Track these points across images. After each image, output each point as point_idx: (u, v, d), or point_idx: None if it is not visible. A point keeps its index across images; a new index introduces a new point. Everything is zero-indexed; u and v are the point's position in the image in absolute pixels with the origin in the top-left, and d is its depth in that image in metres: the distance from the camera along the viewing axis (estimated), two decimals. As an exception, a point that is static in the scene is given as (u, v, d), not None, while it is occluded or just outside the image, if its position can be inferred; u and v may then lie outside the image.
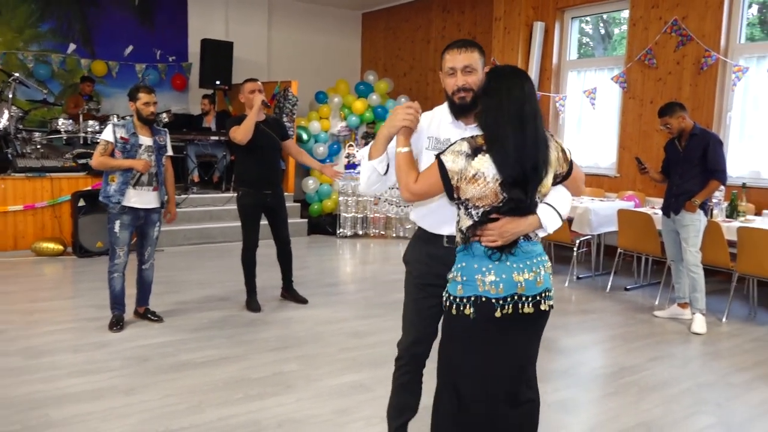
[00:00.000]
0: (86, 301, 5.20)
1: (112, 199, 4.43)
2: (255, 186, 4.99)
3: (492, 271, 2.11)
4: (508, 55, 8.41)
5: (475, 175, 2.05)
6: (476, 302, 2.11)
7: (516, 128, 2.05)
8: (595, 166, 7.98)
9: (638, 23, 7.30)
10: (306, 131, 9.32)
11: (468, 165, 2.06)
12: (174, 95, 10.18)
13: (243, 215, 5.08)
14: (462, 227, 2.16)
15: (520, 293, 2.12)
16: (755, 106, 6.52)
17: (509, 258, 2.13)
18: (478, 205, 2.10)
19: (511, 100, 2.07)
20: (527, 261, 2.16)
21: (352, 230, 8.74)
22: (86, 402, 3.34)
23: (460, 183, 2.09)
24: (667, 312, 5.27)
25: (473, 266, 2.13)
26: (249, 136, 4.76)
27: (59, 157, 7.61)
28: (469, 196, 2.09)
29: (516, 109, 2.06)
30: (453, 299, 2.16)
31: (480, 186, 2.06)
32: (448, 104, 2.36)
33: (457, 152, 2.08)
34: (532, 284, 2.15)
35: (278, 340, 4.40)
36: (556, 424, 3.24)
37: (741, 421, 3.37)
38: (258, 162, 4.96)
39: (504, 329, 2.14)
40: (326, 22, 11.53)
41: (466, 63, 2.25)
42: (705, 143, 4.83)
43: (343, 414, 3.29)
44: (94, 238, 6.90)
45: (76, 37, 9.36)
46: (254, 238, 5.10)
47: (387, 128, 2.30)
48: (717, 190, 5.07)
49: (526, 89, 2.11)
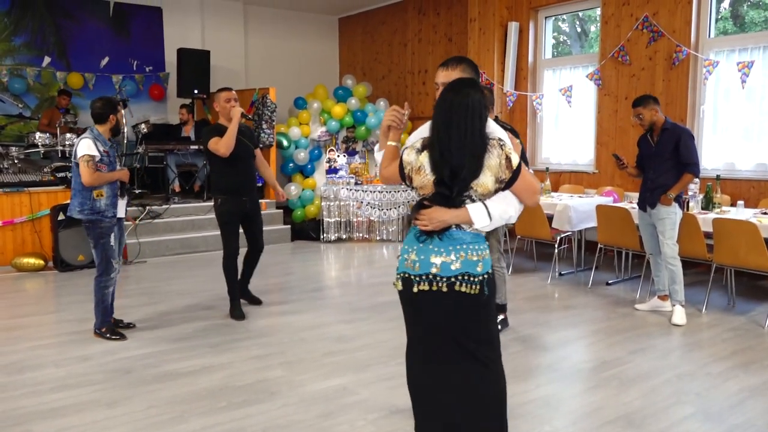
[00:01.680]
0: (68, 316, 5.17)
1: (107, 214, 4.43)
2: (233, 193, 5.04)
3: (414, 251, 2.42)
4: (483, 56, 8.48)
5: (420, 168, 2.40)
6: (402, 277, 2.45)
7: (442, 134, 2.35)
8: (573, 163, 8.07)
9: (610, 21, 7.40)
10: (286, 137, 9.32)
11: (417, 158, 2.42)
12: (152, 105, 10.14)
13: (222, 223, 5.09)
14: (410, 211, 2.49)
15: (434, 273, 2.38)
16: (727, 99, 6.63)
17: (433, 242, 2.40)
18: (420, 193, 2.45)
19: (442, 109, 2.38)
20: (450, 246, 2.39)
21: (336, 235, 8.75)
22: (69, 416, 3.32)
23: (411, 173, 2.44)
24: (648, 305, 5.34)
25: (406, 246, 2.48)
26: (231, 149, 4.83)
27: (37, 171, 7.57)
28: (416, 185, 2.44)
29: (443, 118, 2.36)
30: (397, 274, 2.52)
31: (422, 177, 2.40)
32: None
33: (412, 147, 2.45)
34: (447, 266, 2.38)
35: (262, 347, 4.40)
36: (539, 420, 3.28)
37: (720, 410, 3.42)
38: (235, 170, 5.00)
39: (422, 302, 2.42)
40: (303, 27, 11.54)
41: (447, 80, 2.52)
42: (676, 137, 4.91)
43: (328, 418, 3.30)
44: (75, 251, 6.86)
45: (51, 50, 9.30)
46: (235, 245, 5.12)
47: (381, 127, 2.73)
48: (691, 182, 5.16)
49: (455, 101, 2.35)
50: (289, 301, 5.72)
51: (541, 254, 7.54)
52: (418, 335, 2.50)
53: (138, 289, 6.10)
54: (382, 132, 2.71)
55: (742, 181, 6.35)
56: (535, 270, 6.94)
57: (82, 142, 4.36)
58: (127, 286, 6.19)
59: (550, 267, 6.73)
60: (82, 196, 4.39)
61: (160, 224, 7.85)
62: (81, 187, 4.38)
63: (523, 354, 4.28)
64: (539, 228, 6.33)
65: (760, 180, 6.25)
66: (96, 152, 4.35)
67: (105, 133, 4.49)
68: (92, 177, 4.32)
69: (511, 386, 3.66)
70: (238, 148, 4.92)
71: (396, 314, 2.70)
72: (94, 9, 9.56)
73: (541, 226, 6.31)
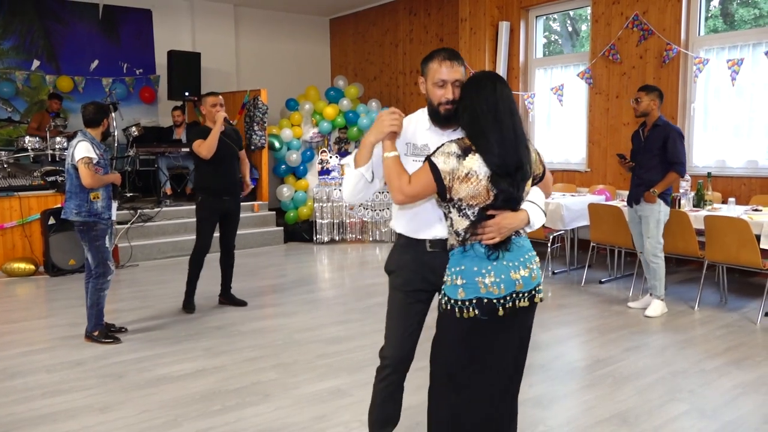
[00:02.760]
0: (60, 320, 5.13)
1: (103, 216, 4.46)
2: (215, 193, 5.20)
3: (492, 272, 2.16)
4: (475, 56, 8.49)
5: (467, 174, 2.13)
6: (479, 304, 2.16)
7: (492, 124, 2.15)
8: (565, 161, 8.08)
9: (600, 19, 7.42)
10: (278, 139, 9.29)
11: (459, 165, 2.14)
12: (143, 108, 10.10)
13: (201, 220, 5.24)
14: (458, 229, 2.21)
15: (518, 290, 2.20)
16: (717, 96, 6.65)
17: (505, 256, 2.19)
18: (471, 204, 2.17)
19: (483, 99, 2.18)
20: (521, 258, 2.23)
21: (329, 236, 8.74)
22: (61, 422, 3.29)
23: (452, 183, 2.15)
24: (640, 302, 5.35)
25: (473, 268, 2.17)
26: (213, 152, 4.99)
27: (27, 175, 7.50)
28: (463, 195, 2.16)
29: (489, 107, 2.17)
30: (454, 302, 2.19)
31: (473, 184, 2.13)
32: (432, 114, 2.38)
33: (448, 153, 2.16)
34: (528, 280, 2.22)
35: (255, 350, 4.38)
36: (533, 419, 3.27)
37: (714, 407, 3.43)
38: (219, 170, 5.15)
39: (505, 325, 2.23)
40: (294, 29, 11.52)
41: (457, 77, 2.29)
42: (665, 135, 4.92)
43: (322, 420, 3.29)
44: (66, 256, 6.82)
45: (40, 53, 9.24)
46: (207, 242, 5.28)
47: (374, 135, 2.31)
48: (675, 182, 5.17)
49: (498, 89, 2.20)
50: (282, 303, 5.70)
51: (534, 253, 7.54)
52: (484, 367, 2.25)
53: (130, 292, 6.07)
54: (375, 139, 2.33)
55: (733, 179, 6.37)
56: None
57: (80, 145, 4.36)
58: (119, 289, 6.15)
59: (543, 266, 6.73)
60: (80, 199, 4.40)
61: (152, 227, 7.82)
62: (78, 189, 4.38)
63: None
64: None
65: (750, 177, 6.28)
66: (93, 155, 4.38)
67: (97, 136, 4.52)
68: (93, 179, 4.33)
69: (506, 386, 3.67)
70: (221, 150, 5.07)
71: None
72: (83, 12, 9.51)
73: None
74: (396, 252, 2.55)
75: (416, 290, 2.48)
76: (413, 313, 2.50)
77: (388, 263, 2.58)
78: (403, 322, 2.51)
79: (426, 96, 2.37)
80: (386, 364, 2.54)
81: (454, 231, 2.23)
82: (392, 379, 2.55)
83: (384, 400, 2.59)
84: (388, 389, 2.57)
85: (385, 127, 2.28)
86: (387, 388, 2.57)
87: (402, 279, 2.50)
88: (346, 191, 2.44)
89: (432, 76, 2.31)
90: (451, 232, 2.25)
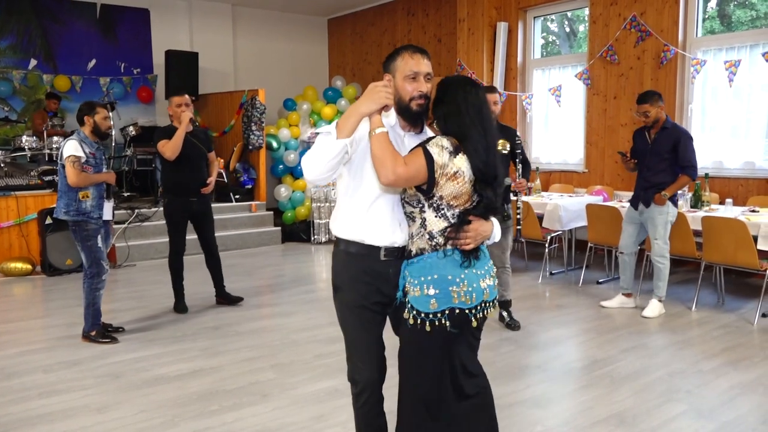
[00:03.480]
0: (57, 320, 5.12)
1: (93, 215, 4.43)
2: (182, 194, 5.17)
3: (465, 281, 2.11)
4: (473, 56, 8.49)
5: (456, 173, 2.08)
6: (451, 314, 2.11)
7: (479, 131, 2.12)
8: (563, 162, 8.09)
9: (598, 20, 7.43)
10: (276, 139, 9.29)
11: (450, 161, 2.09)
12: (140, 108, 10.08)
13: (170, 222, 5.23)
14: (432, 230, 2.14)
15: (485, 299, 2.17)
16: (714, 97, 6.67)
17: (475, 264, 2.15)
18: (452, 204, 2.12)
19: (469, 105, 2.14)
20: (485, 266, 2.21)
21: (327, 236, 8.73)
22: (58, 422, 3.28)
23: (440, 178, 2.09)
24: (613, 301, 5.36)
25: (447, 277, 2.10)
26: (177, 153, 4.95)
27: (24, 174, 7.49)
28: (445, 194, 2.10)
29: (476, 113, 2.14)
30: (425, 315, 2.12)
31: (458, 184, 2.09)
32: (401, 111, 2.26)
33: (442, 146, 2.10)
34: (492, 289, 2.20)
35: (253, 350, 4.38)
36: (531, 420, 3.27)
37: (711, 407, 3.43)
38: (185, 171, 5.11)
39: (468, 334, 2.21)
40: (292, 29, 11.52)
41: (427, 70, 2.23)
42: (676, 138, 4.89)
43: (320, 420, 3.28)
44: (63, 256, 6.80)
45: (37, 53, 9.23)
46: (181, 243, 5.27)
47: (367, 105, 2.10)
48: (686, 185, 5.15)
49: (480, 94, 2.19)
50: (279, 303, 5.69)
51: (531, 254, 7.55)
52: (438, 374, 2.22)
53: (127, 292, 6.06)
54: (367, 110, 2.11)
55: (731, 179, 6.39)
56: (525, 269, 6.94)
57: (68, 144, 4.39)
58: (116, 289, 6.15)
59: (540, 266, 6.74)
60: (68, 197, 4.39)
61: (149, 227, 7.80)
62: (67, 188, 4.38)
63: (514, 353, 4.28)
64: (530, 227, 6.34)
65: (748, 178, 6.29)
66: (81, 153, 4.36)
67: (89, 135, 4.49)
68: (78, 177, 4.31)
69: (502, 386, 3.67)
70: (188, 151, 5.04)
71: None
72: (80, 11, 9.50)
73: (532, 226, 6.32)
74: (343, 264, 2.33)
75: (373, 303, 2.30)
76: (375, 326, 2.34)
77: (335, 278, 2.36)
78: (366, 340, 2.33)
79: (395, 94, 2.22)
80: (361, 389, 2.37)
81: (427, 232, 2.15)
82: (372, 400, 2.39)
83: (369, 423, 2.44)
84: (371, 412, 2.41)
85: (381, 98, 2.10)
86: (369, 411, 2.41)
87: (356, 294, 2.29)
88: (317, 163, 2.12)
89: (402, 69, 2.22)
90: (421, 235, 2.16)
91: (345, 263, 2.33)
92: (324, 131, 2.16)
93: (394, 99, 2.21)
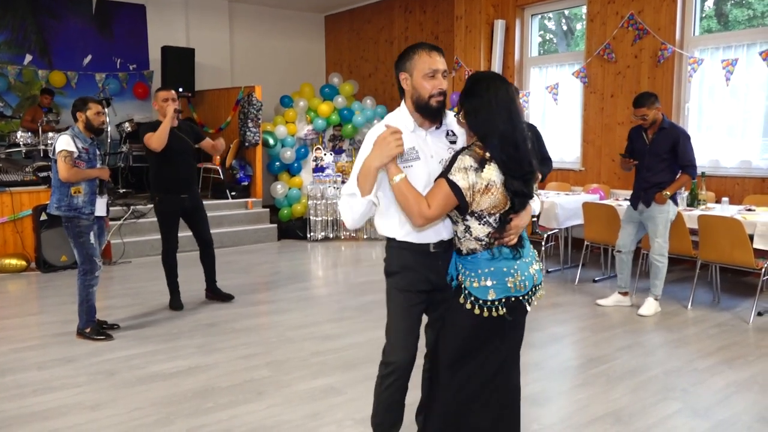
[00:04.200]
0: (51, 317, 5.10)
1: (84, 211, 4.40)
2: (172, 191, 5.13)
3: (518, 271, 2.25)
4: (470, 54, 8.48)
5: (487, 186, 2.17)
6: (507, 302, 2.24)
7: (507, 124, 2.18)
8: (560, 160, 8.08)
9: (596, 18, 7.42)
10: (272, 136, 9.26)
11: (478, 178, 2.16)
12: (136, 104, 10.03)
13: (162, 220, 5.22)
14: (479, 236, 2.25)
15: (535, 284, 2.31)
16: (711, 96, 6.67)
17: (522, 254, 2.29)
18: (492, 213, 2.22)
19: (499, 100, 2.20)
20: (530, 253, 2.34)
21: (323, 234, 8.72)
22: (52, 419, 3.27)
23: (473, 197, 2.18)
24: (609, 300, 5.36)
25: (503, 269, 2.24)
26: (163, 144, 4.91)
27: (19, 170, 7.45)
28: (484, 207, 2.20)
29: (504, 108, 2.19)
30: (483, 302, 2.24)
31: (493, 194, 2.18)
32: (421, 109, 2.33)
33: (464, 169, 2.16)
34: (539, 273, 2.35)
35: (248, 347, 4.36)
36: (527, 418, 3.27)
37: (707, 405, 3.43)
38: (173, 167, 5.08)
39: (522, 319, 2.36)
40: (289, 25, 11.49)
41: (445, 67, 2.32)
42: (674, 138, 4.89)
43: (315, 418, 3.27)
44: (57, 252, 6.77)
45: (33, 48, 9.18)
46: (174, 240, 5.26)
47: (379, 159, 2.20)
48: (687, 184, 5.14)
49: (510, 91, 2.25)
50: (275, 300, 5.68)
51: (528, 252, 7.54)
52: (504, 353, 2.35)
53: (122, 289, 6.04)
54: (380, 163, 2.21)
55: (727, 178, 6.39)
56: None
57: (60, 138, 4.37)
58: (111, 286, 6.13)
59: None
60: (60, 193, 4.38)
61: (144, 224, 7.77)
62: (59, 183, 4.36)
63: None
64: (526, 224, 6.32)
65: (744, 177, 6.30)
66: (74, 148, 4.34)
67: (83, 130, 4.47)
68: (69, 172, 4.29)
69: (499, 384, 3.66)
70: (174, 145, 5.00)
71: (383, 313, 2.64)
72: (76, 6, 9.44)
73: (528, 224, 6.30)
74: (396, 254, 2.48)
75: (419, 291, 2.45)
76: (416, 314, 2.48)
77: (389, 264, 2.50)
78: (408, 323, 2.46)
79: (411, 92, 2.32)
80: (392, 370, 2.46)
81: (473, 237, 2.26)
82: (398, 384, 2.49)
83: (389, 406, 2.53)
84: (394, 396, 2.51)
85: (392, 150, 2.18)
86: (393, 395, 2.50)
87: (406, 280, 2.44)
88: (352, 219, 2.34)
89: (421, 67, 2.29)
90: (468, 238, 2.27)
91: (398, 254, 2.47)
92: (347, 193, 2.31)
93: (412, 98, 2.33)
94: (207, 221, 5.44)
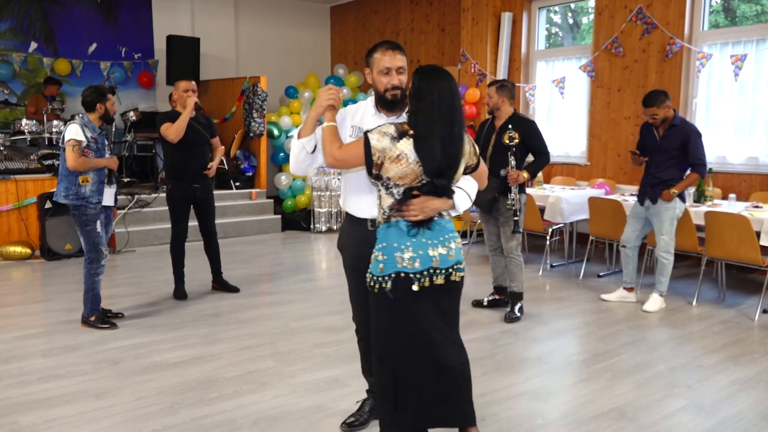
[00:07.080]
0: (56, 305, 5.10)
1: (92, 200, 4.41)
2: (185, 179, 5.16)
3: (410, 248, 2.33)
4: (476, 46, 8.44)
5: (398, 156, 2.30)
6: (396, 278, 2.33)
7: (446, 126, 2.31)
8: (565, 155, 8.05)
9: (604, 12, 7.37)
10: (277, 126, 9.24)
11: (392, 146, 2.30)
12: (141, 93, 10.03)
13: (173, 208, 5.24)
14: (383, 206, 2.39)
15: (435, 266, 2.35)
16: (719, 92, 6.63)
17: (425, 234, 2.35)
18: (398, 184, 2.34)
19: (442, 102, 2.31)
20: (440, 237, 2.38)
21: (327, 225, 8.71)
22: (56, 407, 3.27)
23: (383, 161, 2.32)
24: (614, 295, 5.35)
25: (393, 244, 2.35)
26: (180, 136, 4.94)
27: (24, 158, 7.45)
28: (391, 175, 2.33)
29: (446, 109, 2.31)
30: (375, 278, 2.38)
31: (402, 166, 2.30)
32: (378, 100, 2.64)
33: (383, 133, 2.33)
34: (445, 257, 2.37)
35: (253, 338, 4.37)
36: (531, 412, 3.27)
37: (712, 402, 3.42)
38: (188, 157, 5.12)
39: (420, 301, 2.36)
40: (294, 15, 11.44)
41: (400, 64, 2.55)
42: (685, 135, 4.84)
43: (319, 410, 3.27)
44: (62, 240, 6.78)
45: (38, 36, 9.15)
46: (183, 230, 5.29)
47: (314, 110, 2.57)
48: (695, 182, 5.11)
49: (453, 88, 2.35)
50: (279, 291, 5.68)
51: (532, 246, 7.54)
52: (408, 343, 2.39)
53: (126, 278, 6.04)
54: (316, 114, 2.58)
55: (734, 175, 6.36)
56: (526, 262, 6.90)
57: (70, 127, 4.36)
58: (115, 275, 6.13)
59: (541, 259, 6.72)
60: (68, 181, 4.37)
61: (149, 213, 7.77)
62: (67, 172, 4.36)
63: (514, 346, 4.27)
64: (531, 220, 6.31)
65: (751, 173, 6.26)
66: (83, 137, 4.33)
67: (95, 120, 4.47)
68: (77, 162, 4.28)
69: (502, 379, 3.67)
70: (191, 136, 5.03)
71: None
72: (81, -6, 9.42)
73: (534, 218, 6.29)
74: (345, 230, 2.83)
75: (362, 266, 2.59)
76: (363, 286, 2.60)
77: (339, 241, 2.87)
78: (357, 294, 2.80)
79: (372, 85, 2.61)
80: (358, 329, 2.96)
81: (380, 207, 2.41)
82: (367, 338, 2.76)
83: (367, 353, 2.86)
84: (367, 347, 2.79)
85: (323, 102, 2.54)
86: (366, 347, 2.86)
87: (348, 257, 2.80)
88: (291, 162, 2.70)
89: (377, 65, 2.56)
90: (380, 209, 2.42)
91: (345, 230, 2.83)
92: (292, 135, 2.71)
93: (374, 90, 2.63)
94: (214, 214, 5.46)
